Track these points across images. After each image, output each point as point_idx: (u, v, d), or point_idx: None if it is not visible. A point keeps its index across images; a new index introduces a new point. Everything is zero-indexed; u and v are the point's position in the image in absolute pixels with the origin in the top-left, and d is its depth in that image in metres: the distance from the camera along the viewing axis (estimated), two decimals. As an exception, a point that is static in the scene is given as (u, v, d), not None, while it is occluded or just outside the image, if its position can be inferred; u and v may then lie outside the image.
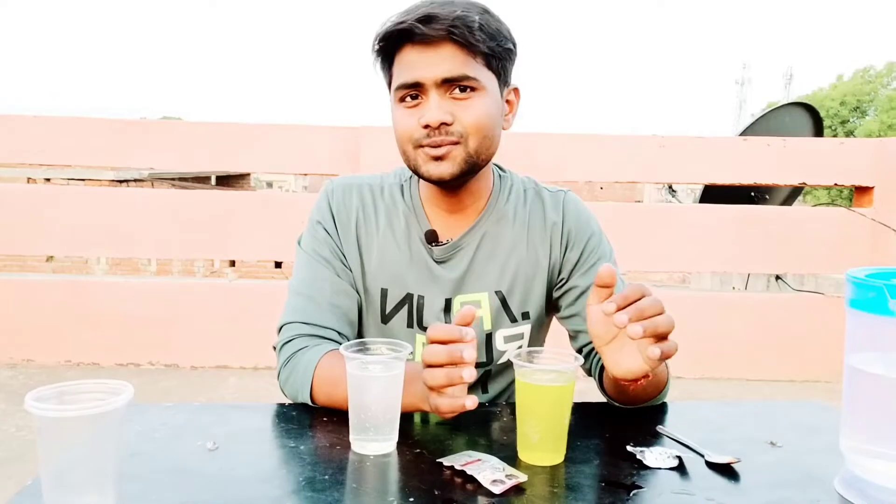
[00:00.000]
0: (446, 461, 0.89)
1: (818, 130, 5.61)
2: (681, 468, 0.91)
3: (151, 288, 4.70)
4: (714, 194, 5.23)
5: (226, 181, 17.60)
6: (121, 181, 12.34)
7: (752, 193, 5.52)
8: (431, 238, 1.24)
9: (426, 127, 1.10)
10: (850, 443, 0.87)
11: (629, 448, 0.95)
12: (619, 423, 1.10)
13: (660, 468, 0.90)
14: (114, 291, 4.56)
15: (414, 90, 1.12)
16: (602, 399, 1.21)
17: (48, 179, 11.09)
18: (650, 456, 0.93)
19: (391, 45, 1.13)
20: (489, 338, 1.27)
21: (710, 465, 0.92)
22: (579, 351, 1.29)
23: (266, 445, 0.97)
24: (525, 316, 1.28)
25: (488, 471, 0.85)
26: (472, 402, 0.91)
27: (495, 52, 1.13)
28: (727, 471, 0.90)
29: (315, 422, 1.06)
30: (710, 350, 4.47)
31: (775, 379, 4.54)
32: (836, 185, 4.58)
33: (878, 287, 0.78)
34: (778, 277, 5.29)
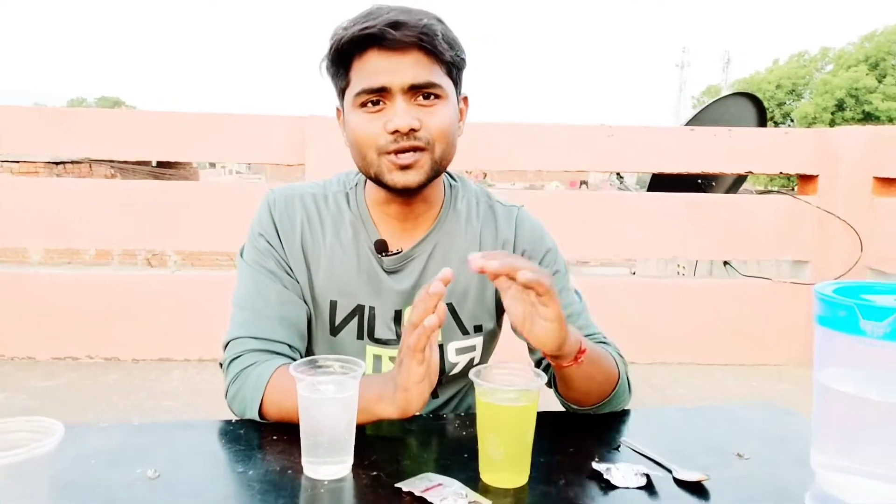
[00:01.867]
0: (405, 486, 0.84)
1: (762, 119, 5.72)
2: (649, 487, 0.88)
3: (89, 278, 4.51)
4: (662, 182, 5.28)
5: (166, 163, 17.13)
6: (57, 163, 11.88)
7: (700, 181, 5.61)
8: (381, 248, 1.20)
9: (393, 133, 1.06)
10: (821, 459, 0.85)
11: (595, 465, 0.92)
12: (582, 433, 1.07)
13: (628, 488, 0.87)
14: (50, 282, 4.36)
15: (378, 95, 1.07)
16: (562, 408, 1.18)
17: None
18: (617, 474, 0.89)
19: (352, 49, 1.08)
20: (441, 350, 1.24)
21: (679, 483, 0.89)
22: (539, 363, 1.26)
23: (212, 471, 0.91)
24: (477, 329, 1.25)
25: (450, 498, 0.80)
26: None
27: (454, 61, 1.12)
28: (696, 488, 0.88)
29: (265, 442, 0.99)
30: (661, 335, 4.53)
31: (726, 363, 4.62)
32: (781, 173, 4.66)
33: (850, 306, 0.75)
34: (726, 263, 5.38)
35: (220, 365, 1.16)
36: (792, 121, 27.30)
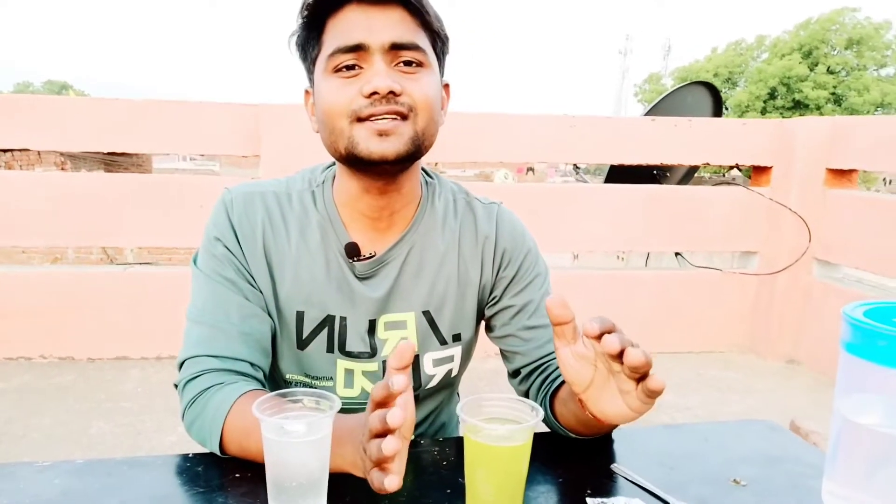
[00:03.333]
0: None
1: (717, 109, 5.74)
2: (648, 525, 0.81)
3: (41, 274, 4.30)
4: (620, 172, 5.27)
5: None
6: (4, 150, 11.43)
7: (655, 171, 5.62)
8: (352, 252, 1.09)
9: (371, 96, 0.94)
10: (835, 489, 0.80)
11: (589, 501, 0.85)
12: (570, 458, 1.00)
13: (626, 526, 0.81)
14: (-1, 279, 4.14)
15: (354, 56, 0.96)
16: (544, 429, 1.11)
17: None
18: (613, 510, 0.83)
19: (327, 6, 0.97)
20: (416, 361, 1.14)
21: (679, 519, 0.83)
22: (516, 373, 1.18)
23: (168, 519, 0.81)
24: (456, 338, 1.16)
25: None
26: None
27: (440, 33, 1.01)
28: (698, 526, 0.82)
29: (226, 482, 0.89)
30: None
31: (675, 351, 4.70)
32: (737, 164, 4.69)
33: (892, 336, 0.69)
34: (678, 254, 5.41)
35: (175, 386, 1.05)
36: (727, 109, 27.67)
